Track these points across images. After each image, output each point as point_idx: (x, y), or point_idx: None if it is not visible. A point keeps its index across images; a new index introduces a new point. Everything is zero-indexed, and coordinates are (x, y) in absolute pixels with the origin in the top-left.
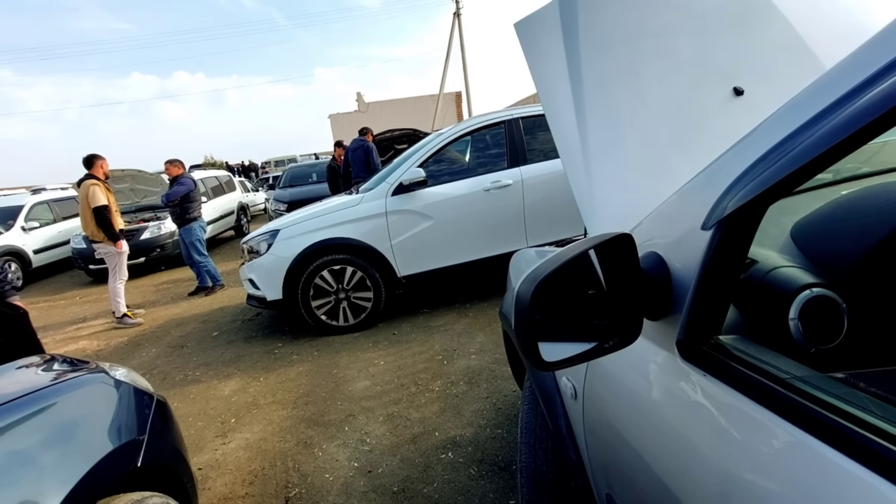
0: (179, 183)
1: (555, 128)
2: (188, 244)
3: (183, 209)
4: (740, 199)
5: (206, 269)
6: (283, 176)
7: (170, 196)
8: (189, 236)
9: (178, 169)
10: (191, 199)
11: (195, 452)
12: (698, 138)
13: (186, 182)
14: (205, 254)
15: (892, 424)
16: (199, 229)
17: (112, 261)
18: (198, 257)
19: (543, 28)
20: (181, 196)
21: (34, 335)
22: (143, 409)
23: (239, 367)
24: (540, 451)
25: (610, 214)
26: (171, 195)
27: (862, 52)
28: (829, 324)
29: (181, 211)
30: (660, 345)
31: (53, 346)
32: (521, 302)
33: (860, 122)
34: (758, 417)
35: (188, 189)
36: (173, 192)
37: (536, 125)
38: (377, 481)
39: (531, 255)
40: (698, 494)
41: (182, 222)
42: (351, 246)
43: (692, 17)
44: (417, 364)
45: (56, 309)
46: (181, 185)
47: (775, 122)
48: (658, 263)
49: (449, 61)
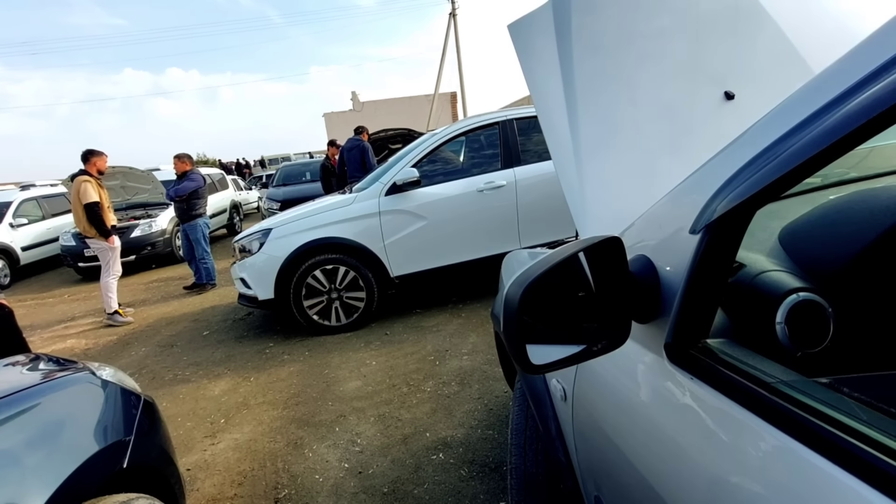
0: (189, 179)
1: (547, 130)
2: (193, 240)
3: (190, 205)
4: (728, 204)
5: (206, 265)
6: (277, 174)
7: (179, 191)
8: (194, 233)
9: (187, 164)
10: (198, 195)
11: (184, 453)
12: (689, 141)
13: (196, 178)
14: (208, 251)
15: (875, 430)
16: (204, 226)
17: (105, 256)
18: (202, 253)
19: (537, 30)
20: (190, 192)
21: (20, 334)
22: (130, 410)
23: (229, 366)
24: (530, 453)
25: (601, 217)
26: (181, 190)
27: (849, 57)
28: (816, 328)
29: (188, 207)
30: (648, 348)
31: (41, 344)
32: (510, 305)
33: (847, 127)
34: (744, 421)
35: (198, 185)
36: (182, 187)
37: (531, 126)
38: (367, 482)
39: (524, 257)
40: (685, 498)
41: (187, 218)
42: (344, 245)
43: (685, 21)
44: (409, 364)
45: (44, 307)
46: (191, 181)
47: (763, 126)
48: (647, 266)
49: (444, 61)
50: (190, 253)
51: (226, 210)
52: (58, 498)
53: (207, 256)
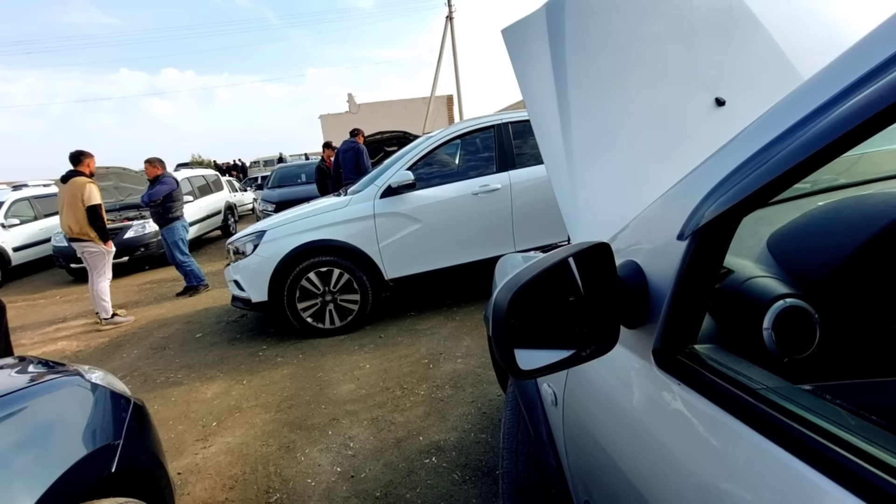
0: (161, 182)
1: (539, 135)
2: (170, 244)
3: (165, 209)
4: (715, 210)
5: (189, 268)
6: (272, 176)
7: (152, 196)
8: (171, 236)
9: (159, 169)
10: (173, 198)
11: (175, 456)
12: (680, 147)
13: (168, 181)
14: (187, 253)
15: (857, 436)
16: (182, 229)
17: (99, 260)
18: (180, 257)
19: (530, 35)
20: (164, 195)
21: (6, 335)
22: (119, 413)
23: (222, 369)
24: (522, 457)
25: (592, 222)
26: (154, 195)
27: (836, 64)
28: (802, 334)
29: (163, 210)
30: (637, 353)
31: (31, 346)
32: (499, 310)
33: (834, 133)
34: (731, 427)
35: (171, 188)
36: (155, 191)
37: (526, 130)
38: (360, 486)
39: (517, 260)
40: (673, 503)
41: (164, 222)
42: (338, 248)
43: (677, 27)
44: (403, 367)
45: (35, 308)
46: (163, 185)
47: (751, 133)
48: (636, 272)
49: (441, 64)
50: (174, 257)
51: (220, 211)
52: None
53: (187, 259)
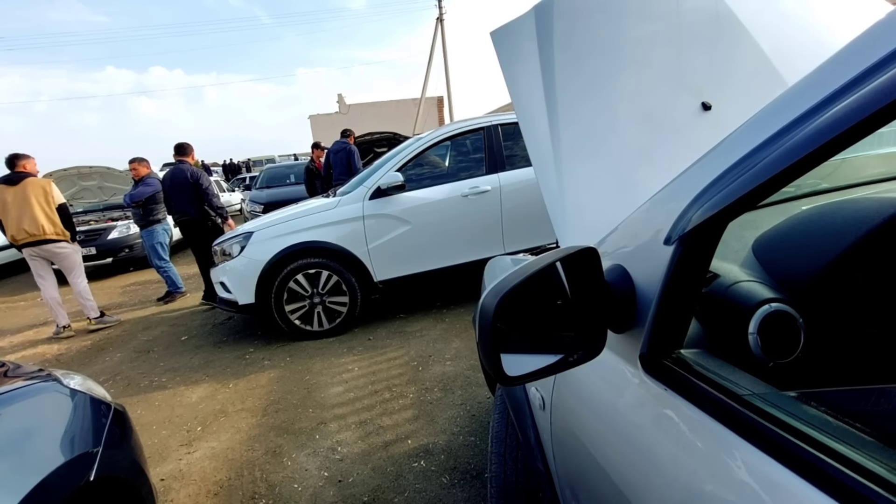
0: (145, 183)
1: (528, 137)
2: (148, 247)
3: (147, 210)
4: (702, 215)
5: (166, 273)
6: (260, 176)
7: (134, 197)
8: (150, 239)
9: (146, 168)
10: (156, 200)
11: (158, 462)
12: (667, 150)
13: (153, 183)
14: (165, 258)
15: (841, 443)
16: (162, 233)
17: (73, 259)
18: (157, 262)
19: (519, 37)
20: (146, 197)
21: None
22: (99, 419)
23: (208, 372)
24: (510, 461)
25: (580, 225)
26: (136, 196)
27: (821, 71)
28: (787, 338)
29: (144, 212)
30: (624, 358)
31: (10, 350)
32: (486, 314)
33: (819, 139)
34: (716, 433)
35: (154, 190)
36: (138, 192)
37: (516, 132)
38: (347, 491)
39: (506, 263)
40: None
41: (145, 224)
42: (327, 249)
43: (665, 31)
44: (392, 370)
45: (15, 311)
46: (147, 186)
47: (737, 138)
48: (623, 276)
49: (431, 66)
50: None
51: None
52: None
53: (165, 264)
